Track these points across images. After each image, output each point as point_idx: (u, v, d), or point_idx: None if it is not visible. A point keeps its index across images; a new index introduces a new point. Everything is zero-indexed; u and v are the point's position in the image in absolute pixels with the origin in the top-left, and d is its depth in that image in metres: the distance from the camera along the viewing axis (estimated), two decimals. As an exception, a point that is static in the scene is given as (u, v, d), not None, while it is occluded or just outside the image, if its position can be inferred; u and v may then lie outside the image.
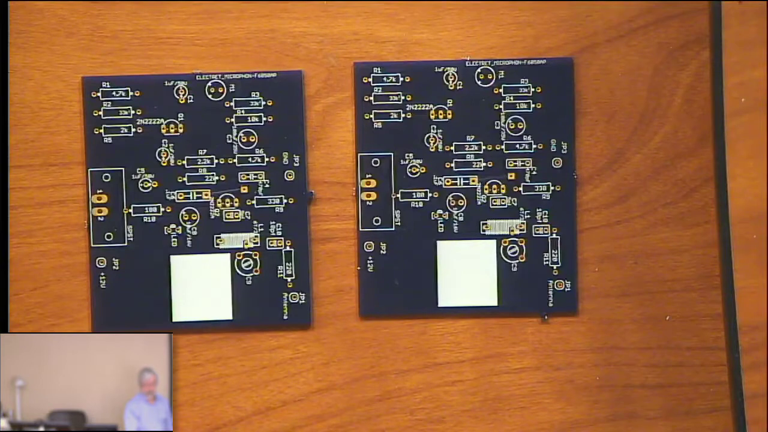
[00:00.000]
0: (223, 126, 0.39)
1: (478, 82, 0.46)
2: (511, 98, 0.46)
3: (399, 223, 0.46)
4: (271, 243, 0.40)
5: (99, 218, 0.40)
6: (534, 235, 0.47)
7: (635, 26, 0.47)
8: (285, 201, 0.40)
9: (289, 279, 0.43)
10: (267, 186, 0.39)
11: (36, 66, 0.46)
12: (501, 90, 0.46)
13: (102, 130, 0.39)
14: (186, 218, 0.40)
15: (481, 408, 0.47)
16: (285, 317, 0.44)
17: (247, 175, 0.39)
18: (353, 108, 0.46)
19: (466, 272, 0.46)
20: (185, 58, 0.46)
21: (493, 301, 0.46)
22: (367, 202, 0.46)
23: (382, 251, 0.46)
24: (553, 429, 0.47)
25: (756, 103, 0.46)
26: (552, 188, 0.46)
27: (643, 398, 0.47)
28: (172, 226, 0.40)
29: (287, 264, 0.40)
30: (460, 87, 0.46)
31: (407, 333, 0.45)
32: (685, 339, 0.47)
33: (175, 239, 0.40)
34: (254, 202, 0.39)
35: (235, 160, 0.39)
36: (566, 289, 0.47)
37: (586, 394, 0.47)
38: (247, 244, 0.40)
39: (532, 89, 0.46)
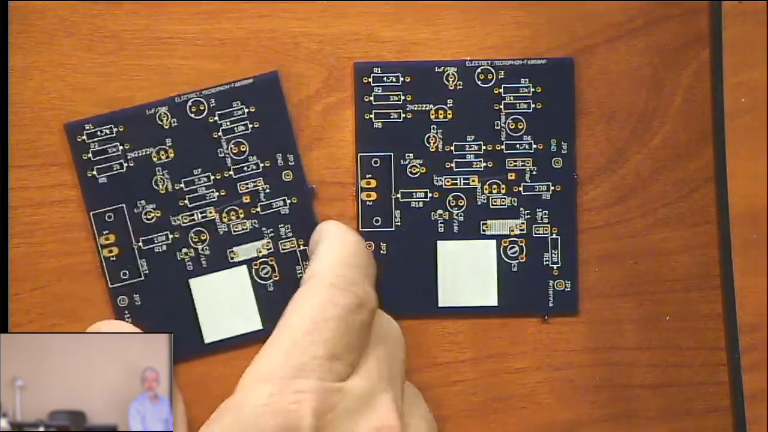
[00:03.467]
0: (211, 141, 0.39)
1: (478, 82, 0.46)
2: (511, 98, 0.46)
3: (399, 223, 0.46)
4: (284, 246, 0.40)
5: (111, 258, 0.40)
6: (534, 235, 0.47)
7: (635, 26, 0.47)
8: (289, 201, 0.40)
9: None
10: (268, 191, 0.39)
11: (36, 66, 0.46)
12: (501, 90, 0.46)
13: (95, 172, 0.39)
14: (195, 239, 0.40)
15: (481, 408, 0.47)
16: None
17: (246, 184, 0.39)
18: (353, 108, 0.46)
19: (466, 272, 0.46)
20: (185, 58, 0.46)
21: (493, 301, 0.46)
22: (367, 202, 0.46)
23: (382, 251, 0.46)
24: (553, 429, 0.47)
25: (756, 103, 0.46)
26: (552, 188, 0.46)
27: (643, 398, 0.47)
28: (184, 250, 0.40)
29: (304, 263, 0.40)
30: (460, 87, 0.46)
31: (407, 333, 0.45)
32: (685, 339, 0.47)
33: (190, 262, 0.40)
34: (259, 209, 0.39)
35: (231, 172, 0.39)
36: (566, 289, 0.47)
37: (586, 394, 0.47)
38: (260, 251, 0.40)
39: (532, 89, 0.46)
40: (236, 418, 0.34)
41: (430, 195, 0.46)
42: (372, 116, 0.46)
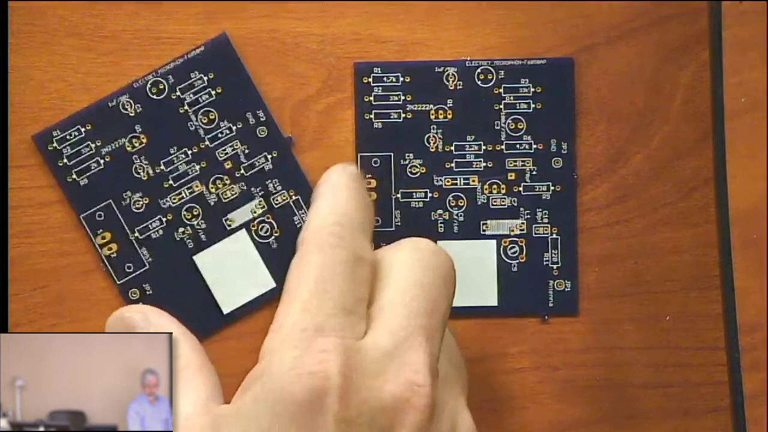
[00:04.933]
0: (180, 117, 0.38)
1: (478, 82, 0.46)
2: (511, 98, 0.46)
3: (399, 223, 0.46)
4: (277, 200, 0.39)
5: (112, 256, 0.39)
6: (534, 235, 0.47)
7: (635, 26, 0.47)
8: (270, 156, 0.39)
9: None
10: (247, 151, 0.39)
11: (36, 66, 0.46)
12: (501, 90, 0.46)
13: (74, 175, 0.39)
14: (189, 216, 0.40)
15: (481, 408, 0.47)
16: None
17: (224, 150, 0.39)
18: (353, 108, 0.46)
19: (466, 272, 0.46)
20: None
21: (493, 302, 0.46)
22: (368, 202, 0.46)
23: (382, 251, 0.46)
24: (553, 429, 0.47)
25: (756, 103, 0.46)
26: (552, 188, 0.46)
27: (643, 398, 0.47)
28: (181, 229, 0.40)
29: (300, 213, 0.40)
30: (460, 87, 0.46)
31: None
32: (685, 339, 0.47)
33: (189, 240, 0.40)
34: (243, 171, 0.39)
35: (207, 143, 0.39)
36: (566, 289, 0.47)
37: (586, 394, 0.47)
38: (255, 212, 0.40)
39: (532, 89, 0.46)
40: (264, 386, 0.33)
41: (430, 195, 0.46)
42: (372, 116, 0.46)
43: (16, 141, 0.46)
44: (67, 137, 0.39)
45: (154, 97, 0.39)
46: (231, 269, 0.40)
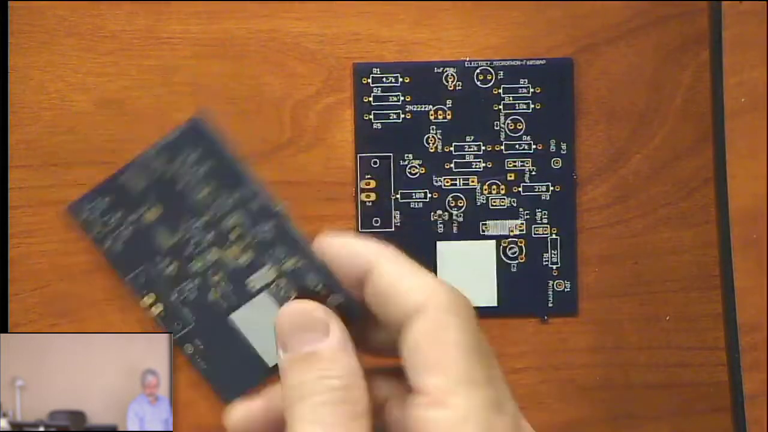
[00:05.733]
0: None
1: (478, 83, 0.46)
2: (511, 99, 0.46)
3: (398, 224, 0.46)
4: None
5: (161, 315, 0.40)
6: (533, 236, 0.47)
7: (635, 26, 0.47)
8: (552, 188, 0.39)
9: None
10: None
11: (36, 66, 0.46)
12: (500, 90, 0.46)
13: (371, 116, 0.38)
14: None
15: (480, 408, 0.47)
16: None
17: (225, 218, 0.39)
18: (353, 108, 0.46)
19: (466, 273, 0.46)
20: (185, 58, 0.46)
21: (492, 302, 0.46)
22: (367, 203, 0.46)
23: (381, 252, 0.46)
24: (553, 429, 0.47)
25: (756, 103, 0.46)
26: (552, 188, 0.46)
27: (643, 398, 0.47)
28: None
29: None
30: (460, 87, 0.46)
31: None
32: (685, 339, 0.47)
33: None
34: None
35: (211, 212, 0.39)
36: (566, 289, 0.47)
37: (586, 394, 0.47)
38: (270, 276, 0.40)
39: (532, 89, 0.46)
40: None
41: (429, 195, 0.46)
42: (371, 117, 0.46)
43: (16, 141, 0.46)
44: (96, 206, 0.40)
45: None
46: (265, 327, 0.40)
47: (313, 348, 0.35)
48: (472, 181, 0.46)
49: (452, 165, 0.46)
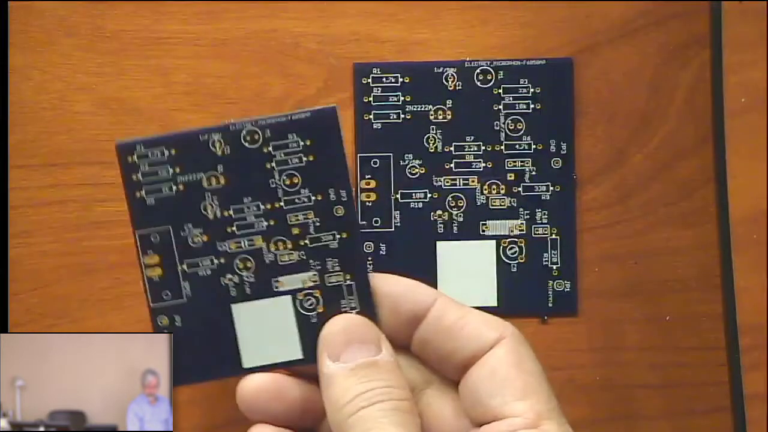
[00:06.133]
0: (264, 173, 0.38)
1: (478, 83, 0.46)
2: (511, 99, 0.46)
3: (398, 224, 0.46)
4: (331, 280, 0.40)
5: (154, 279, 0.39)
6: (534, 236, 0.47)
7: (635, 26, 0.47)
8: (338, 236, 0.39)
9: None
10: (318, 225, 0.39)
11: (36, 66, 0.46)
12: (500, 90, 0.46)
13: (143, 192, 0.39)
14: (241, 266, 0.39)
15: (480, 408, 0.47)
16: None
17: (296, 216, 0.39)
18: (353, 108, 0.46)
19: (466, 273, 0.46)
20: (185, 58, 0.46)
21: (492, 302, 0.46)
22: (367, 203, 0.46)
23: (381, 252, 0.46)
24: (553, 429, 0.47)
25: (756, 103, 0.46)
26: (552, 188, 0.46)
27: (643, 398, 0.47)
28: (228, 276, 0.39)
29: (349, 297, 0.39)
30: (460, 87, 0.46)
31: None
32: (685, 339, 0.47)
33: (234, 288, 0.39)
34: (307, 241, 0.39)
35: (282, 203, 0.39)
36: (566, 290, 0.47)
37: (586, 394, 0.47)
38: (306, 283, 0.40)
39: (532, 90, 0.46)
40: None
41: (429, 195, 0.46)
42: (371, 117, 0.46)
43: (16, 141, 0.46)
44: (149, 155, 0.38)
45: (247, 144, 0.38)
46: (264, 328, 0.40)
47: (372, 359, 0.37)
48: (472, 181, 0.46)
49: (452, 165, 0.46)
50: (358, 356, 0.37)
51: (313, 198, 0.39)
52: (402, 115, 0.46)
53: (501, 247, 0.46)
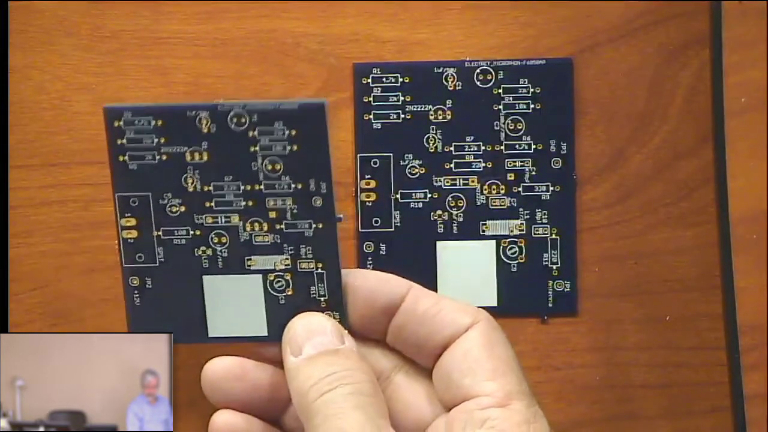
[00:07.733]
0: (247, 155, 0.39)
1: (478, 83, 0.46)
2: (511, 99, 0.46)
3: (398, 224, 0.46)
4: (302, 266, 0.40)
5: (129, 240, 0.39)
6: (533, 236, 0.47)
7: (635, 26, 0.47)
8: (314, 225, 0.40)
9: None
10: (295, 212, 0.39)
11: (36, 66, 0.46)
12: (500, 90, 0.46)
13: (126, 157, 0.39)
14: (216, 241, 0.40)
15: (480, 408, 0.47)
16: None
17: (274, 201, 0.39)
18: (353, 108, 0.46)
19: (466, 273, 0.46)
20: (185, 58, 0.46)
21: (492, 302, 0.46)
22: (367, 203, 0.46)
23: (381, 252, 0.46)
24: (553, 429, 0.47)
25: (756, 103, 0.46)
26: (551, 189, 0.46)
27: (643, 398, 0.47)
28: (203, 248, 0.40)
29: (319, 285, 0.40)
30: (460, 87, 0.46)
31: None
32: (685, 339, 0.47)
33: (206, 260, 0.40)
34: (283, 226, 0.39)
35: (262, 187, 0.39)
36: (566, 290, 0.47)
37: (586, 394, 0.47)
38: (277, 265, 0.40)
39: (532, 90, 0.46)
40: None
41: (429, 196, 0.46)
42: (371, 117, 0.46)
43: (16, 141, 0.46)
44: (136, 122, 0.39)
45: (233, 126, 0.38)
46: (233, 303, 0.40)
47: (334, 347, 0.37)
48: (472, 181, 0.46)
49: (452, 165, 0.46)
50: (319, 347, 0.37)
51: (293, 186, 0.39)
52: (402, 115, 0.46)
53: (501, 247, 0.46)
